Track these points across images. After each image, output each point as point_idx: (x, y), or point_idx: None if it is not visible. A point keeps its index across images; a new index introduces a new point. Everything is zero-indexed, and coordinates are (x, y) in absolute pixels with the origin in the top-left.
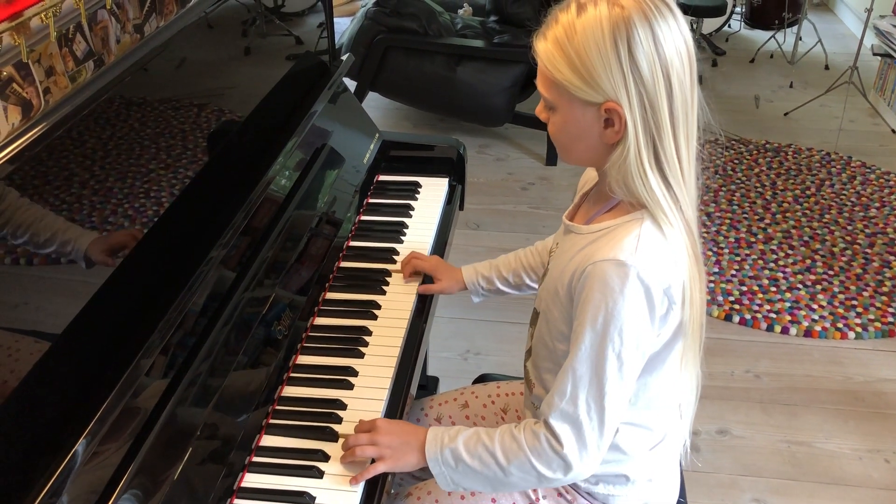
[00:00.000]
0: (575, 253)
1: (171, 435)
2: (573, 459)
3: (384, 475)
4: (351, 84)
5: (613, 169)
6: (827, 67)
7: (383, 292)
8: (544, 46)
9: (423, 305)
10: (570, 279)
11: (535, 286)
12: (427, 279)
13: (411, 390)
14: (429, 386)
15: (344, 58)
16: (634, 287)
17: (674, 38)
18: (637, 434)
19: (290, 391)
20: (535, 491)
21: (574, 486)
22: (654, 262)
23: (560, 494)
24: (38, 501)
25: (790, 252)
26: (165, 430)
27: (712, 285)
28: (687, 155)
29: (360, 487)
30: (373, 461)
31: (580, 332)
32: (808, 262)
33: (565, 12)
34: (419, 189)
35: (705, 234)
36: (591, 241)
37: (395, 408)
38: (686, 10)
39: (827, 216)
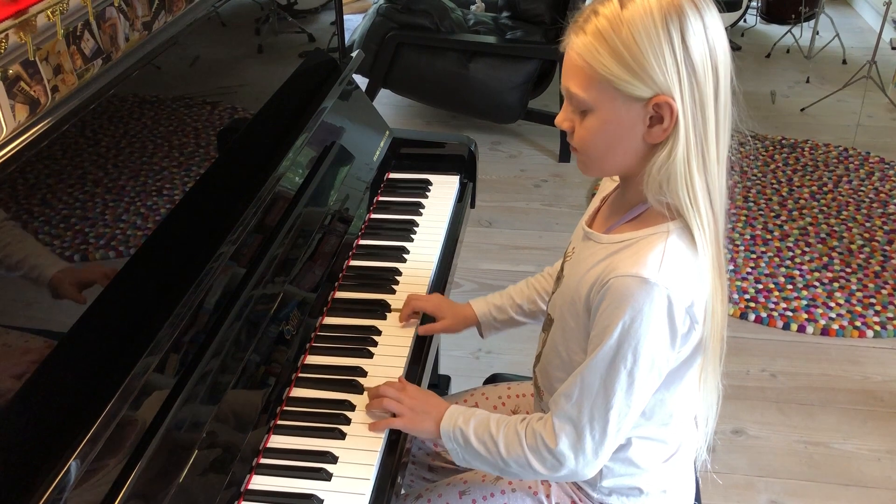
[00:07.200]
0: (594, 263)
1: (177, 435)
2: (567, 460)
3: (391, 484)
4: (363, 82)
5: (655, 172)
6: (844, 62)
7: (393, 291)
8: (583, 40)
9: None
10: (589, 290)
11: None
12: (428, 318)
13: None
14: (440, 384)
15: (354, 54)
16: (656, 306)
17: (719, 30)
18: (651, 448)
19: (298, 392)
20: (548, 497)
21: (587, 497)
22: (678, 281)
23: (573, 503)
24: (54, 483)
25: (807, 249)
26: (171, 430)
27: (727, 283)
28: (724, 158)
29: (368, 490)
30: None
31: (595, 343)
32: (825, 259)
33: (606, 4)
34: (430, 187)
35: None
36: (612, 253)
37: None
38: None
39: (844, 213)
